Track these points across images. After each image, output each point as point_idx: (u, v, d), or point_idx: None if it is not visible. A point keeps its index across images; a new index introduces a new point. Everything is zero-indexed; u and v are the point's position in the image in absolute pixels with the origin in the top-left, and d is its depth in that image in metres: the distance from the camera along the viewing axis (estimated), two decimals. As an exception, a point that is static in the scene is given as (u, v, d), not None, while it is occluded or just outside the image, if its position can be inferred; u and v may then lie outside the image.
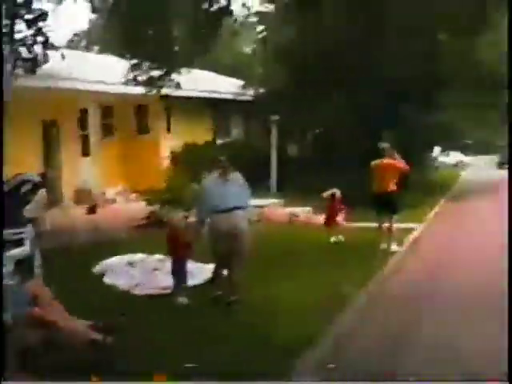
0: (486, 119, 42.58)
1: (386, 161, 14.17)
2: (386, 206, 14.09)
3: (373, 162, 14.34)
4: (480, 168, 55.78)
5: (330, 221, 15.50)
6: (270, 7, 28.33)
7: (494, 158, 59.08)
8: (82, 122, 22.48)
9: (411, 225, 17.24)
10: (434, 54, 23.92)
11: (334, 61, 23.27)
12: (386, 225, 14.28)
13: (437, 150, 55.64)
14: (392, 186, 14.14)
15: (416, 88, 23.93)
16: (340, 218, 15.75)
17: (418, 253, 14.60)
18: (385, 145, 14.57)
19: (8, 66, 13.55)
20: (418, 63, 23.02)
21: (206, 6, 18.36)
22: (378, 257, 12.93)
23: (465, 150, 70.99)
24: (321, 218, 16.68)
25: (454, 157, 67.08)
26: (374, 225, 14.51)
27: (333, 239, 14.87)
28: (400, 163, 14.31)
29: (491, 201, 26.74)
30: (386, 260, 12.85)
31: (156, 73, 19.28)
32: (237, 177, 9.24)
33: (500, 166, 56.33)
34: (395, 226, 14.49)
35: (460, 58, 25.47)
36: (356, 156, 20.94)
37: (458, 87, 27.51)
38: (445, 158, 64.16)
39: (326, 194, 15.73)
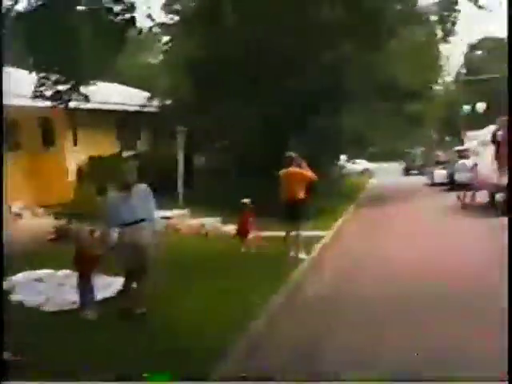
0: (391, 127, 43.59)
1: (293, 169, 14.39)
2: (295, 214, 14.28)
3: (281, 171, 14.54)
4: (386, 175, 56.82)
5: (242, 231, 15.54)
6: (175, 18, 28.28)
7: (400, 165, 60.34)
8: (-14, 136, 21.94)
9: (320, 232, 17.44)
10: (341, 66, 24.23)
11: (242, 72, 23.38)
12: (295, 233, 14.44)
13: (343, 157, 56.58)
14: (300, 195, 14.34)
15: (323, 98, 24.20)
16: (251, 228, 15.80)
17: (325, 260, 14.78)
18: (292, 154, 14.74)
19: None
20: (325, 74, 23.32)
21: (111, 17, 18.22)
22: (287, 265, 13.06)
23: (371, 157, 72.35)
24: (231, 228, 16.73)
25: (361, 164, 68.25)
26: (283, 234, 14.68)
27: (243, 249, 14.94)
28: (307, 172, 14.51)
29: (398, 206, 27.40)
30: (294, 268, 12.98)
31: (63, 86, 19.00)
32: (142, 189, 9.19)
33: (406, 172, 57.65)
34: (304, 233, 14.68)
35: (365, 69, 25.98)
36: (264, 166, 21.06)
37: (363, 97, 28.02)
38: (351, 165, 65.28)
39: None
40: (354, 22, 22.68)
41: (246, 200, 15.53)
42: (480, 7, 39.25)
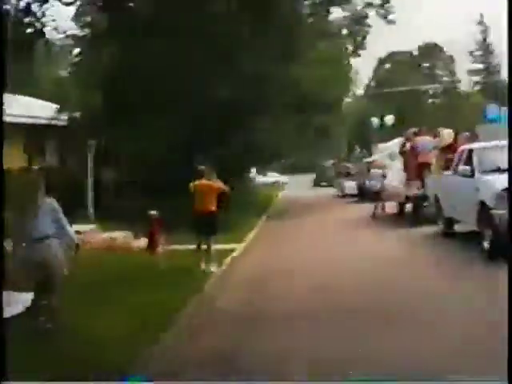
0: (302, 139, 44.14)
1: (204, 182, 14.59)
2: (206, 226, 14.43)
3: (192, 184, 14.67)
4: (297, 187, 57.38)
5: (152, 244, 15.44)
6: (86, 31, 28.03)
7: (311, 177, 61.05)
8: None
9: (231, 245, 17.49)
10: (253, 80, 24.39)
11: (153, 85, 23.28)
12: (205, 246, 14.58)
13: (254, 170, 56.92)
14: (211, 207, 14.53)
15: (235, 111, 24.31)
16: (159, 240, 15.72)
17: (236, 272, 14.85)
18: (203, 167, 14.94)
19: None
20: (237, 87, 23.43)
21: (19, 27, 17.99)
22: (197, 278, 13.09)
23: (282, 169, 73.06)
24: (142, 242, 16.63)
25: (272, 177, 68.79)
26: (194, 247, 14.81)
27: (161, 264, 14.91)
28: (219, 184, 14.75)
29: (308, 219, 27.70)
30: (204, 281, 13.01)
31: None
32: (49, 203, 9.08)
33: (316, 183, 58.38)
34: (214, 246, 14.78)
35: (277, 82, 26.22)
36: (176, 178, 21.03)
37: (273, 109, 28.28)
38: (262, 178, 65.74)
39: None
40: (269, 35, 22.93)
41: (152, 212, 15.44)
42: (389, 22, 40.35)
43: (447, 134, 20.90)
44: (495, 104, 20.79)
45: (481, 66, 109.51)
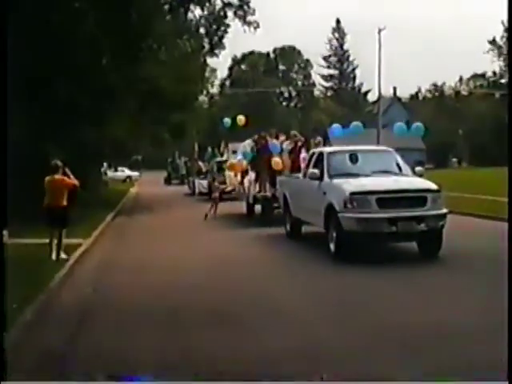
0: (154, 136, 44.01)
1: (58, 177, 14.93)
2: (57, 219, 14.69)
3: (46, 178, 14.98)
4: (148, 183, 57.11)
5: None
6: None
7: (163, 174, 60.88)
8: None
9: (78, 240, 17.22)
10: (102, 72, 23.99)
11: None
12: (56, 240, 14.66)
13: (105, 165, 56.34)
14: (63, 201, 14.85)
15: (86, 104, 23.84)
16: (5, 233, 15.20)
17: (83, 267, 14.67)
18: (58, 161, 15.18)
19: None
20: (85, 77, 22.96)
21: None
22: (46, 271, 12.84)
23: (134, 165, 72.63)
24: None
25: (123, 172, 68.25)
26: (45, 241, 14.86)
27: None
28: (71, 179, 15.05)
29: (157, 215, 27.64)
30: (51, 275, 12.73)
31: None
32: None
33: (168, 181, 58.33)
34: (65, 240, 14.99)
35: (129, 78, 25.92)
36: (27, 171, 20.50)
37: (126, 106, 28.01)
38: (113, 173, 65.14)
39: None
40: (116, 33, 22.61)
41: None
42: (249, 24, 40.90)
43: (294, 137, 21.42)
44: (338, 124, 21.46)
45: (335, 71, 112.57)
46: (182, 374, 6.98)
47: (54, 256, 14.42)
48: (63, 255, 14.60)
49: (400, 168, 15.40)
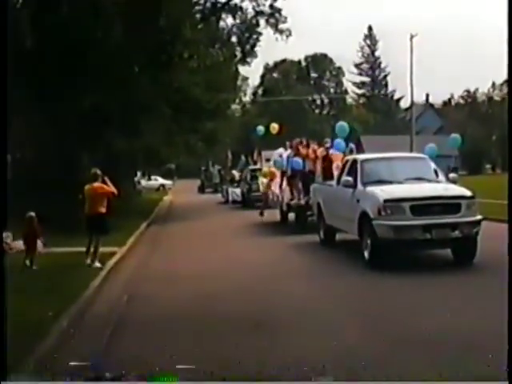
0: (187, 145, 44.15)
1: (97, 185, 15.15)
2: (96, 227, 15.00)
3: (85, 187, 15.23)
4: (182, 192, 57.19)
5: (29, 245, 15.00)
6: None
7: (197, 182, 60.97)
8: None
9: (113, 248, 17.32)
10: (135, 82, 24.10)
11: (35, 85, 22.57)
12: (93, 247, 14.98)
13: (139, 174, 56.63)
14: (102, 209, 15.09)
15: (119, 114, 24.04)
16: (39, 243, 15.35)
17: (118, 276, 14.72)
18: (97, 170, 15.39)
19: None
20: (119, 87, 23.09)
21: None
22: (82, 279, 12.94)
23: (167, 174, 72.88)
24: (21, 243, 16.20)
25: (157, 181, 68.53)
26: (81, 249, 15.17)
27: (27, 262, 14.57)
28: (109, 187, 15.26)
29: (191, 223, 27.72)
30: (85, 284, 12.80)
31: None
32: None
33: (201, 189, 58.40)
34: (101, 248, 15.20)
35: (161, 87, 26.05)
36: (59, 179, 20.69)
37: (159, 114, 28.14)
38: (147, 182, 65.49)
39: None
40: (147, 40, 22.72)
41: (31, 213, 15.09)
42: (281, 32, 40.97)
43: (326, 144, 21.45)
44: (340, 139, 21.34)
45: (367, 79, 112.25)
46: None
47: (88, 261, 14.69)
48: (97, 264, 14.69)
49: (434, 175, 15.33)
